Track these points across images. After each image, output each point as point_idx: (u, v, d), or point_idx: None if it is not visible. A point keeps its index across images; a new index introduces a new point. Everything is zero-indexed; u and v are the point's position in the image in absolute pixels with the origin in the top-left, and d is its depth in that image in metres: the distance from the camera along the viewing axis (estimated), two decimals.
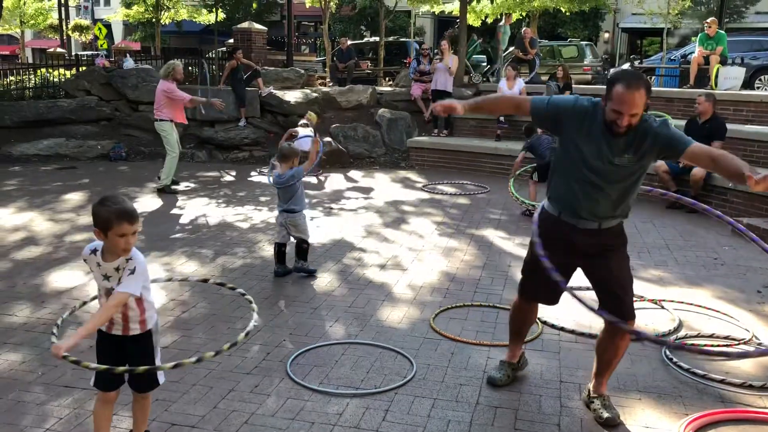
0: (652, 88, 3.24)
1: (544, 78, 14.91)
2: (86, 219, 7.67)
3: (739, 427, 3.37)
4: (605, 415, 3.39)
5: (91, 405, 3.43)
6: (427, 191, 9.71)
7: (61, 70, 15.20)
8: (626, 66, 17.74)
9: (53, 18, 32.97)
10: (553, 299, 3.70)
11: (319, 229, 7.21)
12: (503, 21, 15.63)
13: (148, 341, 2.90)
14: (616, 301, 3.38)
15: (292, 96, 13.19)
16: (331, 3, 21.84)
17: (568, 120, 3.28)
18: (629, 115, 3.02)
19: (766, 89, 13.56)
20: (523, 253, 6.50)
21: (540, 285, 3.56)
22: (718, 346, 4.36)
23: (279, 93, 13.26)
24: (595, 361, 3.55)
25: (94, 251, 2.77)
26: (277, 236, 5.73)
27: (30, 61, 32.21)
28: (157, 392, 3.58)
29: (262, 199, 9.05)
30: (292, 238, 5.67)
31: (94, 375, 2.83)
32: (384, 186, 10.20)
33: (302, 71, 15.64)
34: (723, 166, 3.01)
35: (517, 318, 3.84)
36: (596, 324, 4.73)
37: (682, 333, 4.59)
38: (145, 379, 2.90)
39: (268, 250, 6.48)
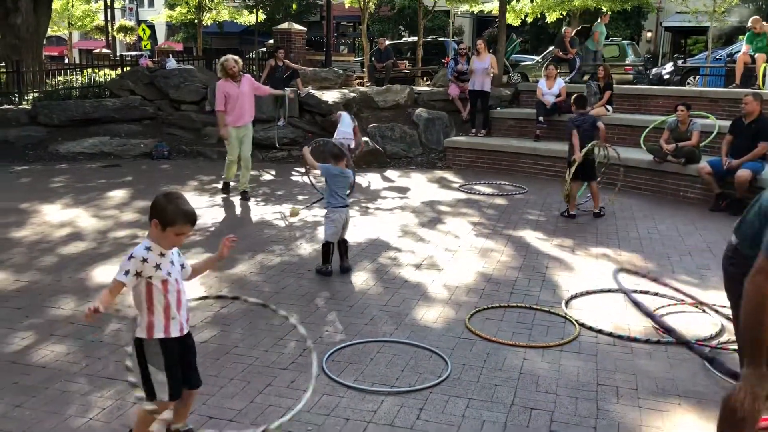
0: (697, 88, 3.05)
1: (585, 78, 14.72)
2: (130, 216, 7.85)
3: None
4: None
5: (133, 397, 3.52)
6: (464, 191, 9.68)
7: (107, 71, 15.59)
8: (669, 66, 17.41)
9: (99, 20, 33.81)
10: None
11: (356, 228, 7.25)
12: (599, 20, 15.13)
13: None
14: None
15: (331, 96, 13.28)
16: (370, 3, 21.90)
17: None
18: None
19: None
20: (561, 254, 6.48)
21: None
22: None
23: (317, 93, 13.36)
24: None
25: (147, 248, 2.82)
26: (332, 235, 5.76)
27: (77, 61, 33.07)
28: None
29: (300, 198, 9.13)
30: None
31: (169, 389, 2.86)
32: (420, 186, 10.20)
33: (340, 71, 15.75)
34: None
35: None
36: (635, 327, 4.67)
37: (724, 338, 4.49)
38: (198, 373, 3.02)
39: (305, 248, 6.55)
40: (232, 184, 9.13)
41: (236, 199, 8.86)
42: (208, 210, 8.27)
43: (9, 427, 3.23)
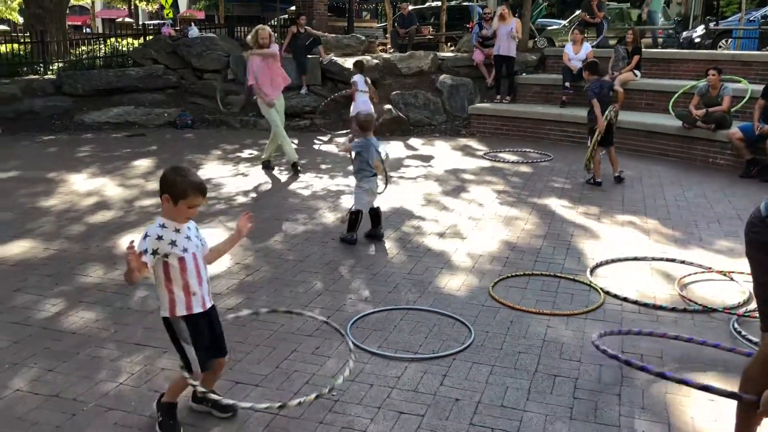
0: (729, 51, 2.92)
1: (613, 42, 14.40)
2: (155, 185, 7.92)
3: None
4: None
5: (161, 362, 3.59)
6: (488, 159, 9.59)
7: (129, 40, 15.61)
8: (700, 28, 16.96)
9: None
10: None
11: (379, 197, 7.22)
12: None
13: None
14: None
15: (353, 63, 13.16)
16: None
17: None
18: None
19: None
20: (586, 222, 6.41)
21: None
22: None
23: (340, 60, 13.25)
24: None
25: (162, 226, 2.84)
26: (365, 204, 5.77)
27: (100, 31, 33.15)
28: None
29: (323, 166, 9.13)
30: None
31: (198, 362, 2.91)
32: (444, 154, 10.13)
33: (363, 38, 15.59)
34: None
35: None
36: (660, 295, 4.63)
37: (752, 306, 4.43)
38: (224, 341, 3.06)
39: (328, 217, 6.56)
40: (264, 157, 8.95)
41: (258, 168, 8.88)
42: (231, 179, 8.31)
43: (43, 390, 3.32)
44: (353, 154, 5.78)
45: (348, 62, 13.15)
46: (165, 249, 2.80)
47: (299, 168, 8.65)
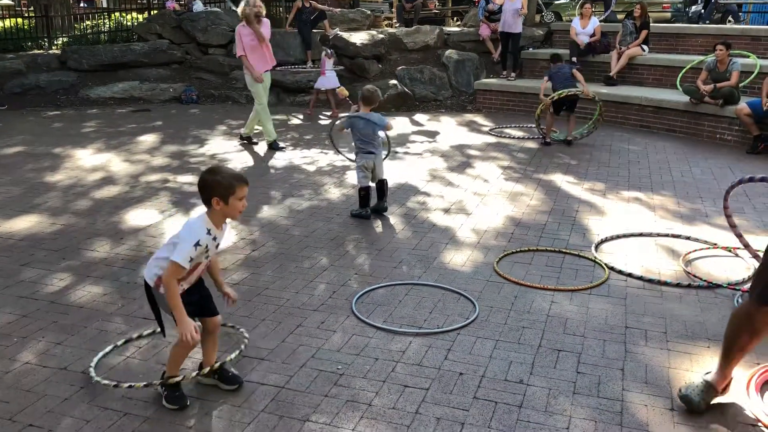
0: (738, 26, 2.92)
1: (621, 16, 14.23)
2: (160, 160, 7.93)
3: None
4: None
5: (168, 336, 3.62)
6: (494, 135, 9.55)
7: (134, 14, 15.50)
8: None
9: None
10: None
11: (386, 170, 7.22)
12: None
13: None
14: None
15: (359, 38, 13.07)
16: None
17: None
18: None
19: None
20: (591, 198, 6.40)
21: None
22: None
23: (345, 35, 13.15)
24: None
25: (208, 232, 2.83)
26: (363, 179, 5.77)
27: (104, 5, 32.89)
28: (228, 327, 3.75)
29: (328, 142, 9.09)
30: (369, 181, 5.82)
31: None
32: (450, 129, 10.09)
33: (368, 12, 15.45)
34: None
35: (741, 329, 3.00)
36: (665, 271, 4.63)
37: None
38: (213, 304, 3.12)
39: (333, 193, 6.57)
40: (244, 132, 8.92)
41: (263, 144, 8.86)
42: (237, 155, 8.30)
43: (51, 364, 3.36)
44: (349, 130, 5.78)
45: (353, 37, 13.05)
46: (200, 258, 2.87)
47: (281, 147, 8.63)
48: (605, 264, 4.69)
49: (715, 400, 3.06)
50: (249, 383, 3.20)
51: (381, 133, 5.82)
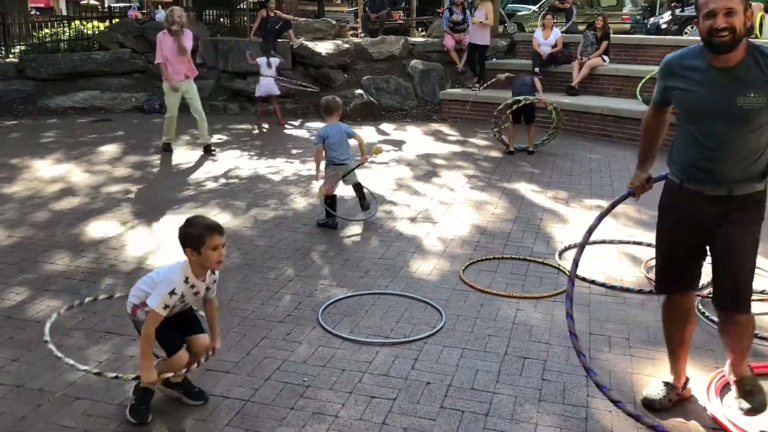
0: (695, 38, 3.05)
1: (582, 27, 14.50)
2: (122, 171, 7.80)
3: None
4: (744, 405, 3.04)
5: (129, 350, 3.55)
6: (458, 145, 9.61)
7: (95, 23, 15.26)
8: (667, 15, 17.14)
9: None
10: (685, 285, 3.11)
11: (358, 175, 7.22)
12: None
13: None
14: (726, 284, 2.91)
15: (324, 47, 13.06)
16: None
17: (670, 77, 2.95)
18: (724, 13, 2.57)
19: None
20: (555, 206, 6.48)
21: (673, 272, 3.07)
22: (754, 300, 4.29)
23: (310, 44, 13.13)
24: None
25: (186, 281, 2.83)
26: (329, 188, 5.79)
27: (64, 13, 32.36)
28: None
29: (294, 151, 9.07)
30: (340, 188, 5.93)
31: (166, 350, 2.93)
32: (416, 139, 10.13)
33: (334, 22, 15.47)
34: None
35: (670, 324, 3.18)
36: (627, 278, 4.70)
37: None
38: (199, 322, 3.10)
39: (299, 203, 6.53)
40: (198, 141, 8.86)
41: (228, 154, 8.79)
42: (201, 166, 8.21)
43: (6, 381, 3.26)
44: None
45: (319, 46, 13.04)
46: (175, 304, 2.85)
47: (171, 150, 8.79)
48: (569, 271, 4.73)
49: (680, 403, 3.11)
50: (213, 397, 3.14)
51: (352, 142, 5.83)
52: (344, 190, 6.14)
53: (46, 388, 3.20)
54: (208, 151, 8.79)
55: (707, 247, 2.99)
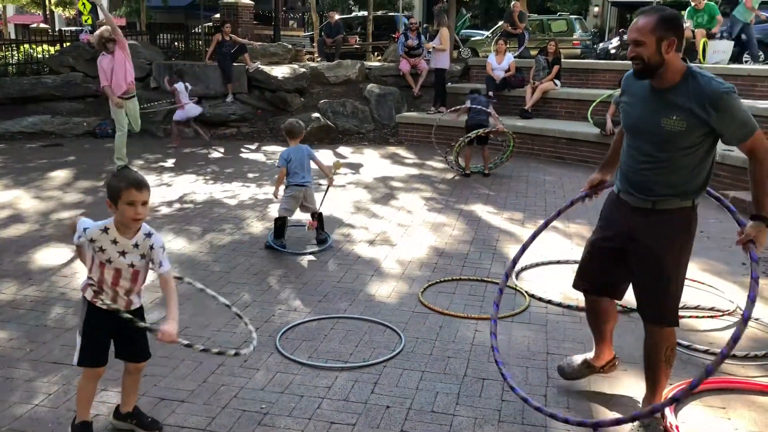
0: None
1: (534, 52, 14.85)
2: (73, 196, 7.62)
3: (721, 396, 3.42)
4: None
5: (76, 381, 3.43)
6: (416, 168, 9.67)
7: (45, 46, 14.96)
8: (615, 40, 17.67)
9: None
10: (599, 288, 3.31)
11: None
12: None
13: (142, 312, 3.03)
14: (650, 298, 3.06)
15: (280, 71, 13.08)
16: None
17: (623, 93, 3.13)
18: (631, 43, 2.81)
19: (753, 63, 13.56)
20: (511, 227, 6.57)
21: (589, 271, 3.29)
22: (703, 317, 4.41)
23: (266, 68, 13.13)
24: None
25: (104, 230, 2.76)
26: (284, 211, 5.80)
27: (12, 36, 31.68)
28: (146, 368, 3.59)
29: (250, 175, 9.00)
30: (297, 213, 5.96)
31: (79, 353, 2.83)
32: (373, 162, 10.18)
33: (290, 46, 15.50)
34: (753, 177, 2.83)
35: (591, 317, 3.47)
36: (583, 297, 4.76)
37: None
38: (140, 349, 2.96)
39: (256, 227, 6.47)
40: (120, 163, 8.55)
41: (183, 178, 8.68)
42: (155, 190, 8.07)
43: None
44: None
45: (275, 70, 13.04)
46: (90, 249, 2.78)
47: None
48: (526, 292, 4.79)
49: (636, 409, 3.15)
50: (168, 427, 3.06)
51: (313, 165, 5.87)
52: (301, 216, 6.10)
53: None
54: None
55: (626, 260, 3.10)
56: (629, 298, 4.66)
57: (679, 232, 2.96)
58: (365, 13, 22.49)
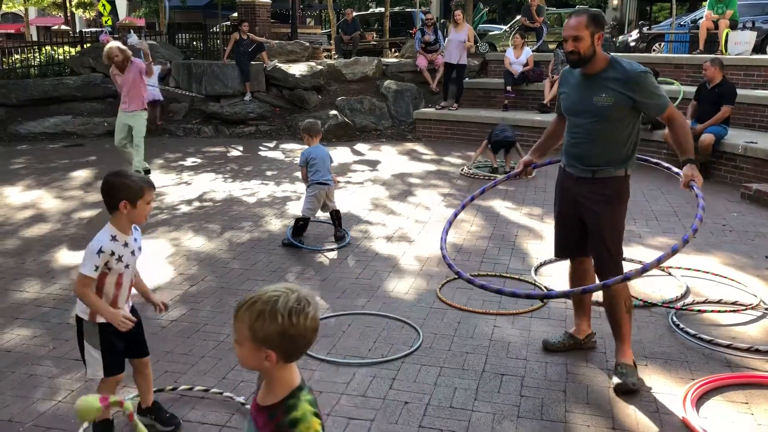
0: (662, 54, 3.38)
1: (552, 46, 14.73)
2: (94, 196, 7.71)
3: (745, 392, 3.38)
4: (615, 381, 3.41)
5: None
6: (434, 164, 9.65)
7: (66, 48, 15.16)
8: (635, 33, 17.48)
9: None
10: (574, 251, 3.75)
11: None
12: None
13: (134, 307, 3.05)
14: (598, 256, 3.54)
15: (297, 69, 13.11)
16: None
17: (561, 85, 3.64)
18: (571, 39, 3.28)
19: None
20: (530, 223, 6.53)
21: (561, 239, 3.76)
22: (726, 311, 4.36)
23: (284, 66, 13.18)
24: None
25: (113, 238, 2.76)
26: (308, 210, 5.80)
27: (34, 39, 32.12)
28: (166, 364, 3.64)
29: (269, 173, 9.04)
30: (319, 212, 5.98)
31: (105, 367, 2.83)
32: (390, 158, 10.17)
33: (307, 44, 15.54)
34: (675, 138, 3.43)
35: (570, 282, 3.84)
36: (601, 292, 4.72)
37: (689, 299, 4.58)
38: (144, 343, 3.02)
39: (275, 224, 6.50)
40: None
41: (202, 177, 8.74)
42: (174, 188, 8.15)
43: None
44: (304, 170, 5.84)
45: (292, 68, 13.08)
46: (112, 264, 2.75)
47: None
48: (545, 287, 4.77)
49: (655, 416, 3.12)
50: (188, 423, 3.09)
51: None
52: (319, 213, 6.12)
53: (17, 418, 3.12)
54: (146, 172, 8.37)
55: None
56: (647, 291, 4.64)
57: (615, 197, 3.44)
58: (382, 9, 22.47)
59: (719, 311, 4.34)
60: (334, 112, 12.30)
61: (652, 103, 3.33)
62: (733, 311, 4.37)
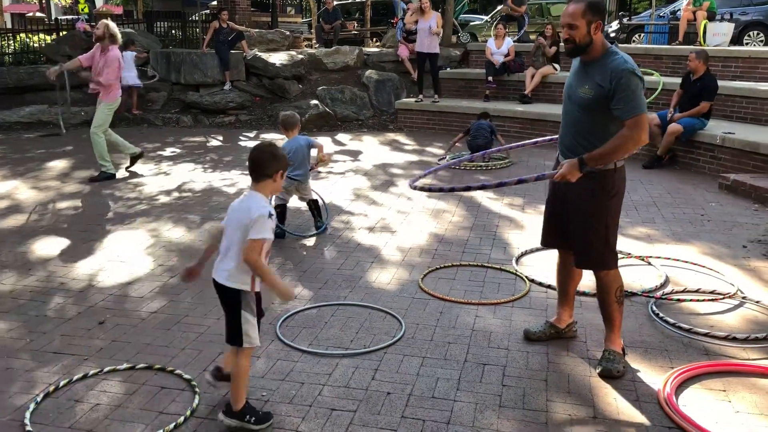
0: (642, 45, 3.36)
1: (533, 37, 14.74)
2: (72, 187, 7.59)
3: (723, 379, 3.42)
4: (600, 365, 3.48)
5: (80, 371, 3.44)
6: (416, 155, 9.64)
7: (41, 35, 14.89)
8: (615, 24, 17.56)
9: None
10: (558, 241, 3.75)
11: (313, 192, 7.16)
12: None
13: None
14: (579, 248, 3.54)
15: (278, 58, 13.01)
16: None
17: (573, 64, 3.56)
18: (566, 27, 3.25)
19: (754, 45, 13.48)
20: (511, 213, 6.55)
21: (546, 227, 3.78)
22: (704, 300, 4.40)
23: (264, 55, 13.06)
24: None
25: (270, 203, 2.95)
26: (280, 200, 5.72)
27: (8, 26, 31.52)
28: (147, 356, 3.60)
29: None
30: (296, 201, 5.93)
31: (256, 335, 2.96)
32: (372, 148, 10.14)
33: (287, 33, 15.41)
34: (608, 142, 3.27)
35: (558, 275, 3.88)
36: (585, 282, 4.76)
37: (668, 288, 4.63)
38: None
39: None
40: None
41: (182, 167, 8.65)
42: (154, 178, 8.06)
43: None
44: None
45: (272, 57, 12.97)
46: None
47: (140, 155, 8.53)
48: (526, 277, 4.79)
49: (635, 404, 3.15)
50: (166, 415, 3.06)
51: (313, 153, 5.78)
52: (297, 203, 6.08)
53: None
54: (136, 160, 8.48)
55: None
56: (627, 281, 4.67)
57: (600, 190, 3.37)
58: None
59: (698, 300, 4.39)
60: (315, 101, 12.23)
61: (623, 106, 3.16)
62: (712, 300, 4.42)
